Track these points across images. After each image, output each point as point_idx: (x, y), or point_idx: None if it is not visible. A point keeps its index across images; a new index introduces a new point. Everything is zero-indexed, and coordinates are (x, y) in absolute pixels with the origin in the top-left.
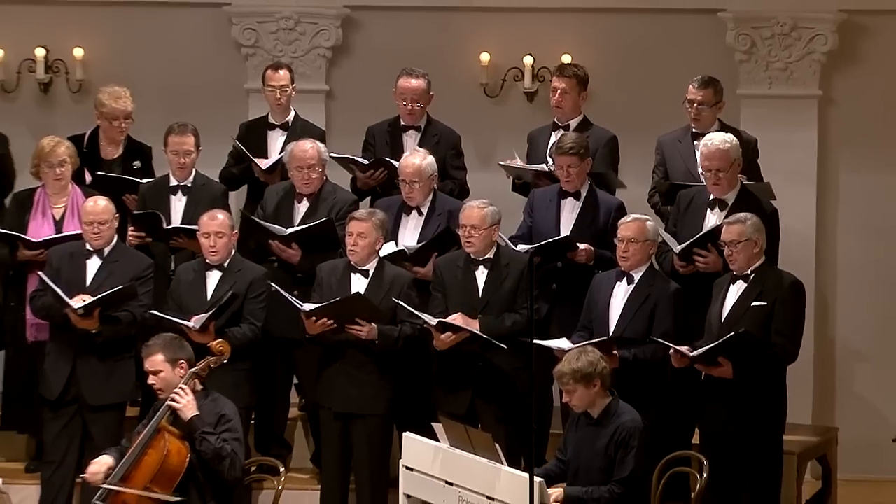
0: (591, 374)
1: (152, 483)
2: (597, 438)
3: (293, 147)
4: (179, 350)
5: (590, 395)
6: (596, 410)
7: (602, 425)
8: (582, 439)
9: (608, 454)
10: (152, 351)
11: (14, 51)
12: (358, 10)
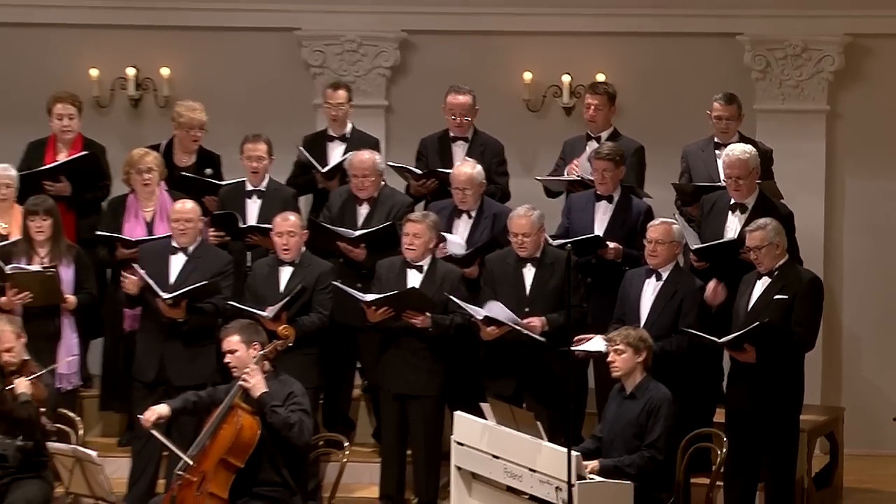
0: (640, 347)
1: (227, 454)
2: (630, 410)
3: (352, 157)
4: (254, 333)
5: (634, 363)
6: (631, 384)
7: (636, 398)
8: (617, 411)
9: (640, 423)
10: (230, 332)
11: (108, 70)
12: (414, 33)
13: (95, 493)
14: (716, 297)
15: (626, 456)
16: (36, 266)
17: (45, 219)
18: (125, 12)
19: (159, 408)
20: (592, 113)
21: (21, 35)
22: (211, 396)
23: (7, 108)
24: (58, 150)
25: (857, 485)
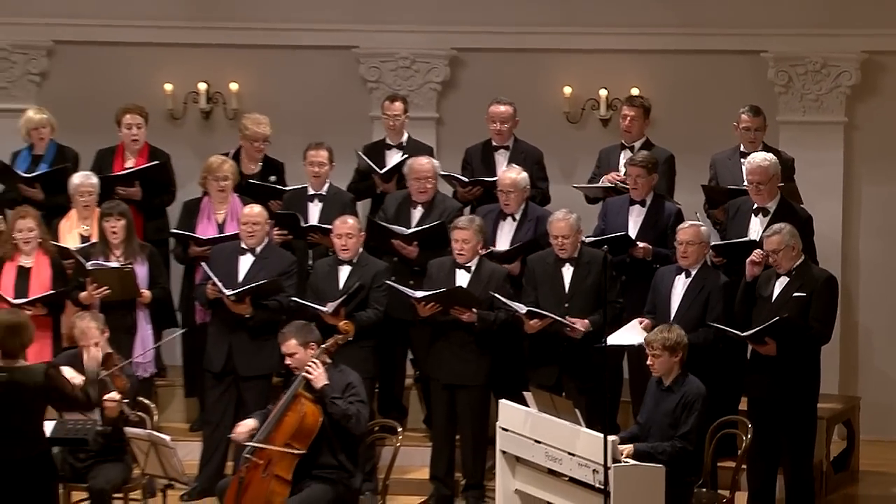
0: (678, 346)
1: (291, 440)
2: (667, 402)
3: (412, 162)
4: (309, 334)
5: (671, 363)
6: (669, 379)
7: (672, 391)
8: (655, 403)
9: (675, 415)
10: (286, 337)
11: (181, 85)
12: (463, 51)
13: (169, 475)
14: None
15: (659, 443)
16: (114, 263)
17: (118, 220)
18: (198, 32)
19: (248, 422)
20: (628, 123)
21: (103, 52)
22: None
23: (90, 120)
24: (126, 158)
25: (872, 468)
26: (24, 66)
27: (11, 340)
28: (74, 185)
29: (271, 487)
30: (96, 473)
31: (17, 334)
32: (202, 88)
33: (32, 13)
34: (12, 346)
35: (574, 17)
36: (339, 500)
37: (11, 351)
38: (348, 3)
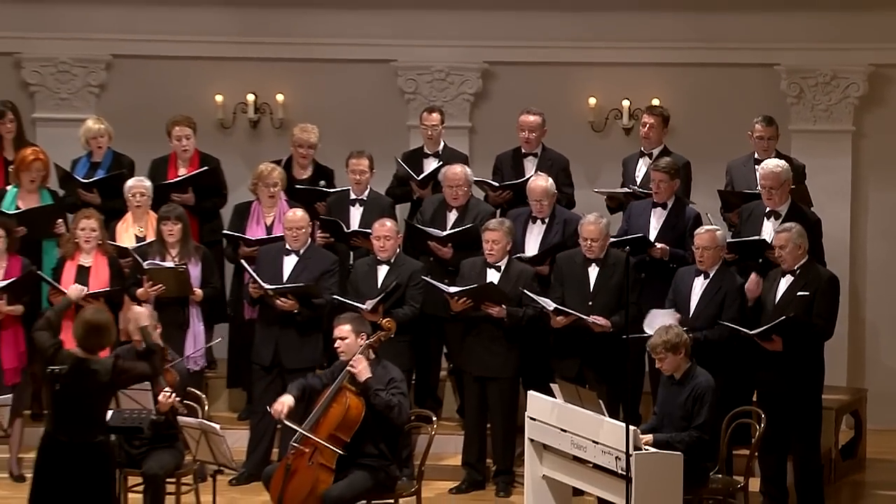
0: (678, 344)
1: (336, 430)
2: (679, 395)
3: (446, 170)
4: (362, 325)
5: (677, 360)
6: (679, 373)
7: (683, 385)
8: (667, 396)
9: (686, 407)
10: (342, 322)
11: (231, 96)
12: (495, 64)
13: (218, 461)
14: (756, 290)
15: (677, 433)
16: (169, 263)
17: (175, 223)
18: (246, 46)
19: (286, 399)
20: (647, 131)
21: (158, 66)
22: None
23: (145, 129)
24: (178, 166)
25: (879, 456)
26: (84, 79)
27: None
28: (129, 189)
29: (316, 474)
30: (150, 460)
31: (99, 334)
32: (250, 99)
33: (92, 29)
34: (92, 344)
35: (598, 32)
36: (379, 486)
37: (90, 348)
38: (387, 20)
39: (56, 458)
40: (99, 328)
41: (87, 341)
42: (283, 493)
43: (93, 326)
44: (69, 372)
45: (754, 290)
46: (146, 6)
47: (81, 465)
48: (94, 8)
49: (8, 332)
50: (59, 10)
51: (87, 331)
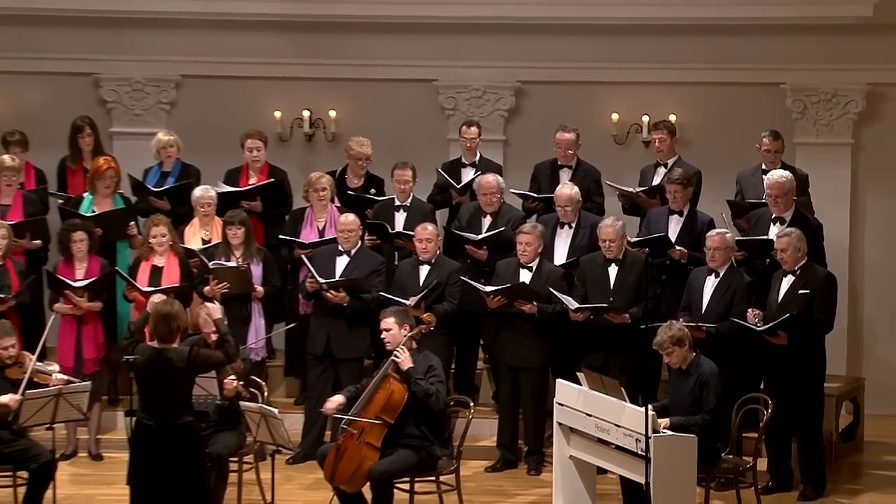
0: (682, 337)
1: (381, 413)
2: (686, 383)
3: (480, 179)
4: (405, 318)
5: (683, 353)
6: (685, 364)
7: (689, 374)
8: (676, 384)
9: (694, 393)
10: (387, 315)
11: (288, 112)
12: (527, 83)
13: (277, 442)
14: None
15: (691, 416)
16: (233, 263)
17: (239, 227)
18: (302, 67)
19: (337, 398)
20: (658, 144)
21: (222, 85)
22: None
23: (210, 142)
24: (250, 175)
25: (876, 439)
26: (156, 97)
27: (163, 326)
28: (196, 197)
29: (364, 453)
30: (216, 440)
31: (167, 322)
32: (306, 115)
33: (163, 52)
34: (164, 331)
35: (620, 54)
36: (421, 464)
37: (163, 336)
38: (429, 43)
39: (147, 441)
40: (167, 316)
41: (159, 329)
42: (335, 470)
43: (161, 315)
44: (146, 362)
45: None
46: (212, 31)
47: (171, 447)
48: (165, 33)
49: (88, 326)
50: (133, 34)
51: (157, 320)
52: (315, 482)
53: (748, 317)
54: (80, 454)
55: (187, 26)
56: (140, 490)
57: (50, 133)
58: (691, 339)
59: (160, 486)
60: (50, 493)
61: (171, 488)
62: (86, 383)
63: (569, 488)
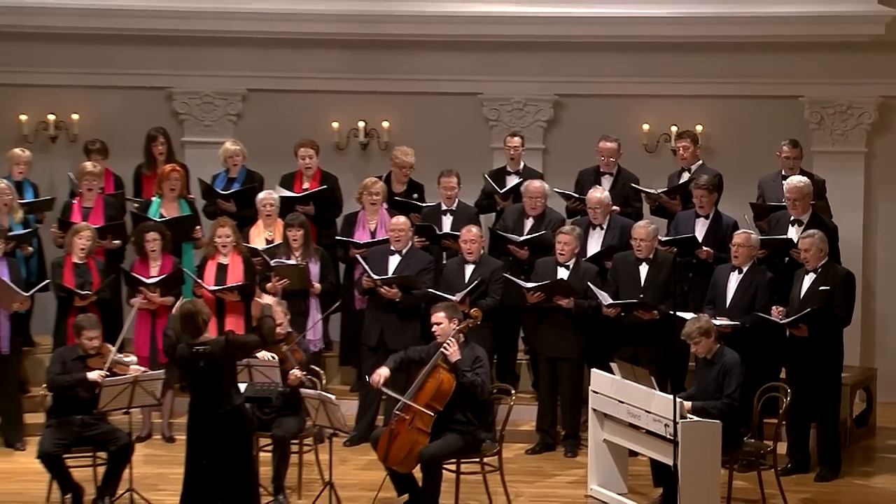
0: (709, 329)
1: (431, 401)
2: (711, 372)
3: (528, 184)
4: (454, 312)
5: (709, 343)
6: (710, 354)
7: (714, 363)
8: (702, 373)
9: (718, 381)
10: (438, 310)
11: (345, 123)
12: (564, 96)
13: (334, 426)
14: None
15: (711, 401)
16: (293, 262)
17: (298, 230)
18: (357, 82)
19: (383, 371)
20: (682, 152)
21: (285, 98)
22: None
23: (273, 150)
24: (303, 180)
25: (887, 424)
26: (224, 109)
27: (190, 324)
28: (260, 199)
29: (415, 437)
30: (278, 424)
31: (192, 319)
32: (361, 126)
33: (231, 68)
34: (191, 328)
35: (650, 69)
36: (467, 447)
37: (193, 332)
38: (474, 59)
39: (200, 427)
40: (191, 314)
41: (187, 328)
42: (388, 452)
43: (186, 315)
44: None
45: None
46: (275, 49)
47: (222, 431)
48: (233, 50)
49: (162, 320)
50: (203, 51)
51: (183, 320)
52: (369, 463)
53: (773, 313)
54: (154, 437)
55: (253, 44)
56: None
57: (127, 142)
58: (716, 330)
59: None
60: (127, 473)
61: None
62: (160, 372)
63: (603, 469)
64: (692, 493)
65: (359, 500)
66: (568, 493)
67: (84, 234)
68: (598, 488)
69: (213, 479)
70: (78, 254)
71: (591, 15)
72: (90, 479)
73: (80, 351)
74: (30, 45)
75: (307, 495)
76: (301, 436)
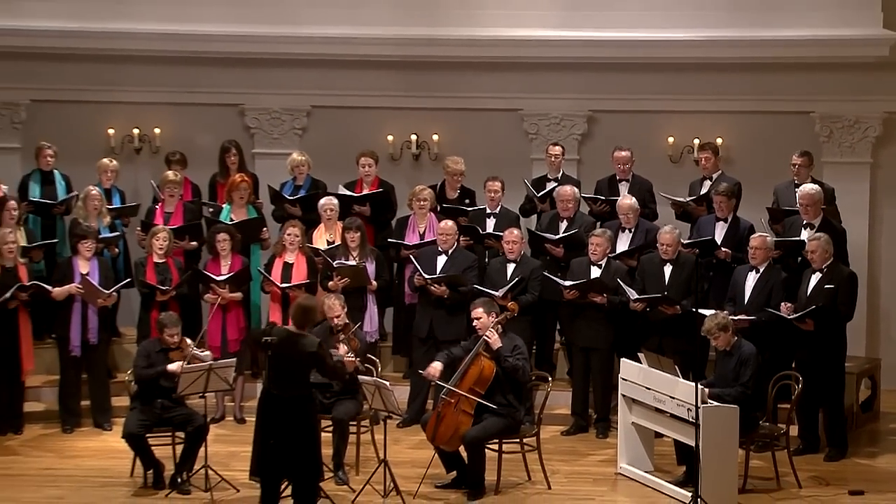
0: (727, 324)
1: (474, 385)
2: (729, 362)
3: (559, 189)
4: (492, 307)
5: (727, 337)
6: (729, 346)
7: (732, 354)
8: (721, 363)
9: (736, 370)
10: (477, 305)
11: (399, 136)
12: (597, 112)
13: (388, 409)
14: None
15: (727, 388)
16: (352, 262)
17: (356, 232)
18: (410, 99)
19: (437, 365)
20: (704, 162)
21: (345, 114)
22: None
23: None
24: (363, 187)
25: (890, 410)
26: (290, 124)
27: (301, 316)
28: (321, 204)
29: (459, 419)
30: (338, 407)
31: (306, 314)
32: (413, 139)
33: (297, 87)
34: (300, 320)
35: (675, 88)
36: (507, 428)
37: (299, 323)
38: (515, 79)
39: (271, 407)
40: (306, 309)
41: (297, 318)
42: (436, 433)
43: (303, 308)
44: (280, 342)
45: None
46: (337, 70)
47: (291, 413)
48: (298, 71)
49: (231, 314)
50: (272, 72)
51: (297, 309)
52: (419, 443)
53: (782, 309)
54: (227, 418)
55: (316, 66)
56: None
57: (203, 153)
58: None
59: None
60: (202, 451)
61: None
62: (232, 360)
63: (631, 449)
64: (712, 471)
65: (410, 476)
66: (599, 470)
67: (160, 236)
68: (627, 466)
69: (279, 456)
70: (157, 253)
71: (621, 38)
72: (169, 456)
73: (162, 345)
74: (118, 67)
75: (364, 472)
76: (358, 418)
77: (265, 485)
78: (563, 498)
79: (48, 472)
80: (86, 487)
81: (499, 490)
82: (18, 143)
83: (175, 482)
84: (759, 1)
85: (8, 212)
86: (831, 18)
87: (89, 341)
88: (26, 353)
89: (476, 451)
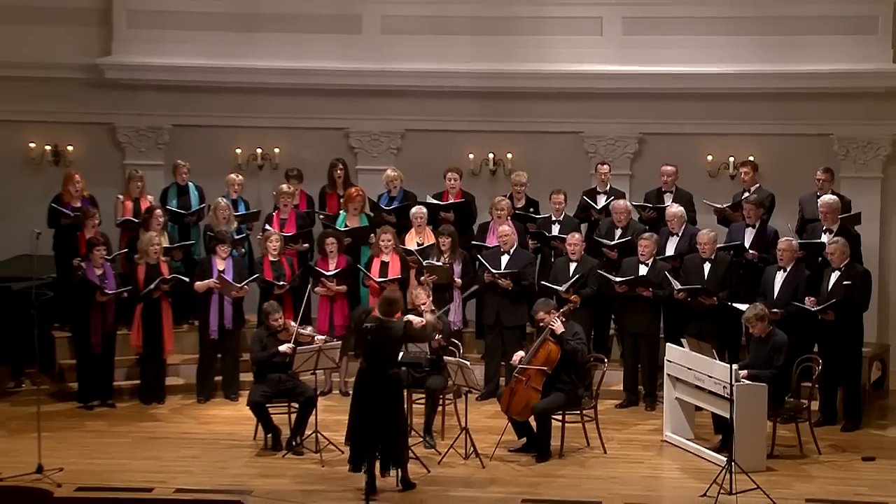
0: (764, 315)
1: (542, 365)
2: (764, 347)
3: (615, 203)
4: (549, 306)
5: (763, 326)
6: (764, 333)
7: (766, 341)
8: (755, 348)
9: (769, 355)
10: (538, 309)
11: (478, 154)
12: (647, 134)
13: (469, 385)
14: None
15: (763, 370)
16: (441, 262)
17: (448, 238)
18: (488, 123)
19: (519, 353)
20: (743, 176)
21: (433, 136)
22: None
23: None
24: (449, 197)
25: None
26: (386, 144)
27: (386, 307)
28: (412, 212)
29: (529, 394)
30: (429, 380)
31: (390, 305)
32: (490, 157)
33: (393, 113)
34: (385, 310)
35: (713, 113)
36: (570, 402)
37: (385, 313)
38: (577, 106)
39: (366, 384)
40: (391, 300)
41: (383, 308)
42: (509, 405)
43: (387, 300)
44: (376, 328)
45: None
46: (426, 99)
47: (382, 389)
48: (394, 100)
49: (337, 304)
50: (372, 101)
51: (383, 301)
52: (495, 413)
53: (806, 302)
54: (333, 392)
55: (409, 95)
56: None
57: (315, 169)
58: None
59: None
60: (313, 419)
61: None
62: (338, 343)
63: (675, 420)
64: (744, 440)
65: (487, 440)
66: (648, 437)
67: (272, 238)
68: (671, 434)
69: (374, 425)
70: (272, 253)
71: (667, 72)
72: (285, 423)
73: (270, 330)
74: (244, 97)
75: (448, 437)
76: (444, 392)
77: (357, 449)
78: (617, 461)
79: (186, 435)
80: (217, 448)
81: (562, 454)
82: (162, 161)
83: (290, 445)
84: (785, 39)
85: (155, 218)
86: (848, 54)
87: (225, 326)
88: (168, 336)
89: (543, 421)
